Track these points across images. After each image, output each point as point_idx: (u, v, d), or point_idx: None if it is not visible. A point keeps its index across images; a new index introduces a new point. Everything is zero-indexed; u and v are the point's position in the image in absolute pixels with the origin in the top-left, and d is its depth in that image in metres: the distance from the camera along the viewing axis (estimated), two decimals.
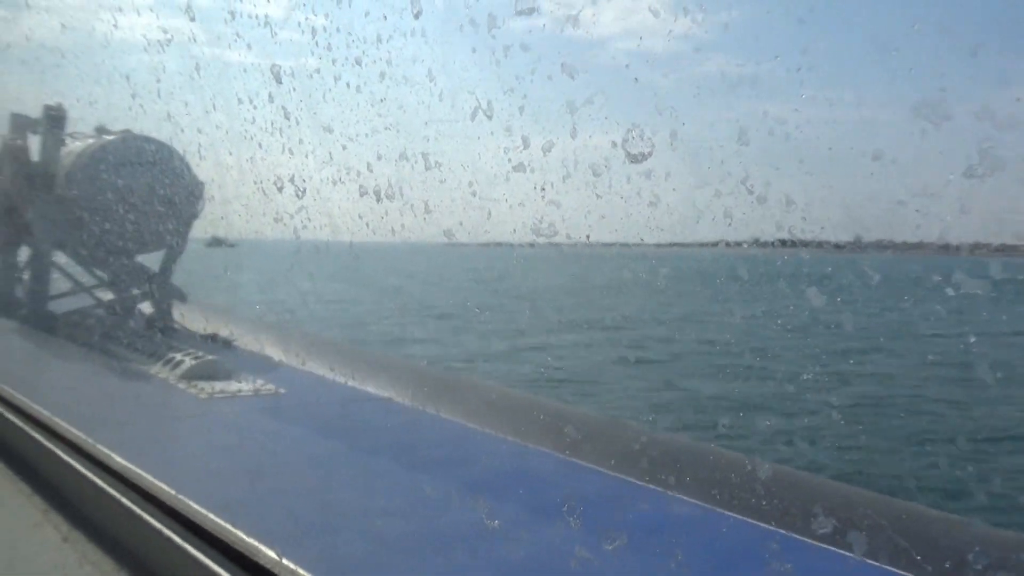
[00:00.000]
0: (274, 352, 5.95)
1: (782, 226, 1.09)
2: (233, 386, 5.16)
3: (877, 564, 1.69)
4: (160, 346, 5.62)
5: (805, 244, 1.07)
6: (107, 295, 6.45)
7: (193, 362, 5.33)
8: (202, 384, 5.15)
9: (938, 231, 0.96)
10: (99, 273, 6.50)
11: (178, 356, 5.43)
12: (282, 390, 5.16)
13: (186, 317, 6.25)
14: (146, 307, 6.29)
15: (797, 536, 1.91)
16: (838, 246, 1.06)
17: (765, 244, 1.19)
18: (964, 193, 0.86)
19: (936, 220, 0.97)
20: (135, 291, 6.23)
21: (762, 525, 2.16)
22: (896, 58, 0.85)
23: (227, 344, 6.04)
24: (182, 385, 5.14)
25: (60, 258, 6.55)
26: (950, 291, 0.99)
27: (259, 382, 5.31)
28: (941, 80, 0.88)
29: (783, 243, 1.09)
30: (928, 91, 0.89)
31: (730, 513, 2.29)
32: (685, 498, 2.58)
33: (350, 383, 5.26)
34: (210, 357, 5.40)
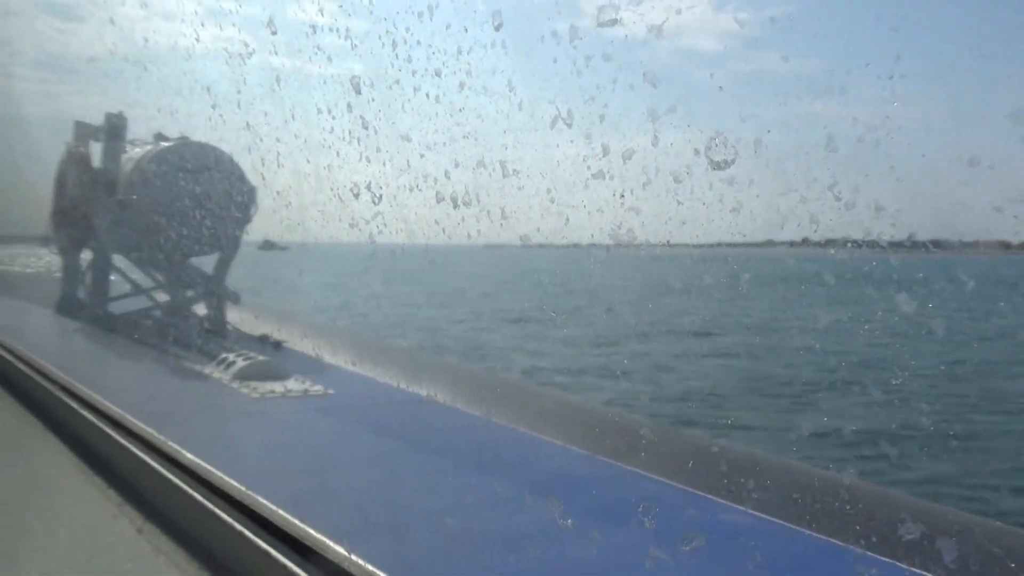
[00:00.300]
0: (322, 353, 6.07)
1: (871, 232, 1.10)
2: (283, 386, 5.28)
3: None
4: (213, 346, 5.77)
5: (896, 246, 1.08)
6: (163, 297, 6.65)
7: (245, 363, 5.47)
8: (254, 384, 5.28)
9: None
10: (156, 275, 6.71)
11: (231, 356, 5.57)
12: (331, 391, 5.27)
13: (238, 319, 6.42)
14: (200, 308, 6.47)
15: (874, 555, 1.88)
16: (933, 244, 1.06)
17: (852, 244, 1.20)
18: None
19: None
20: (190, 293, 6.42)
21: (837, 543, 2.13)
22: (993, 63, 0.86)
23: (277, 345, 6.18)
24: (235, 384, 5.28)
25: (119, 261, 6.78)
26: None
27: (308, 383, 5.42)
28: None
29: (868, 245, 1.10)
30: None
31: (806, 530, 2.26)
32: (752, 512, 2.56)
33: (398, 384, 5.35)
34: (261, 358, 5.53)
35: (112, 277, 6.78)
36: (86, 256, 6.87)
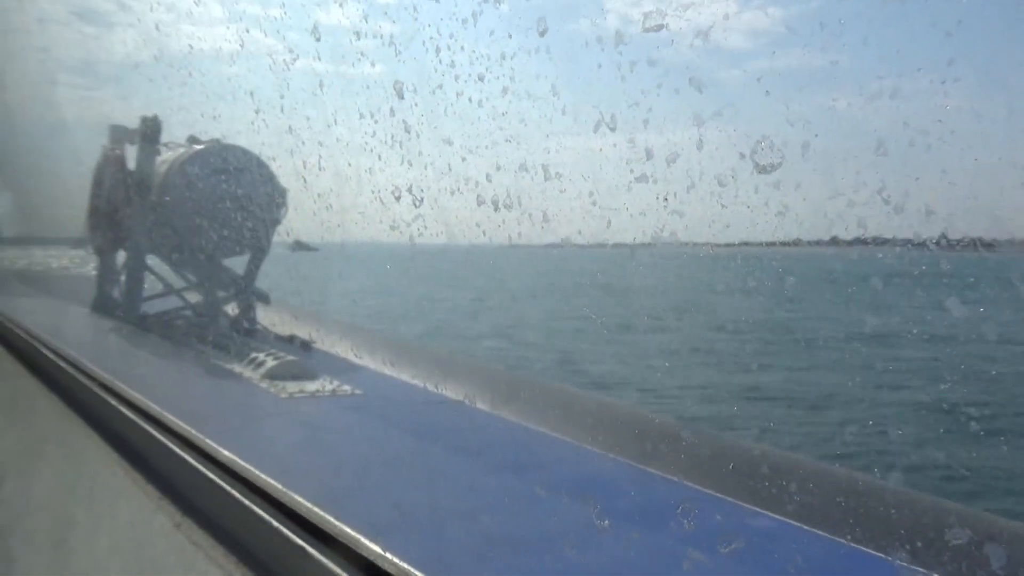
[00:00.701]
0: (351, 353, 6.12)
1: (920, 236, 1.10)
2: (312, 386, 5.33)
3: None
4: (243, 346, 5.85)
5: (950, 245, 1.06)
6: (195, 297, 6.76)
7: (274, 362, 5.53)
8: (283, 383, 5.34)
9: None
10: (188, 276, 6.82)
11: (260, 356, 5.64)
12: (359, 391, 5.31)
13: (268, 319, 6.50)
14: (231, 309, 6.57)
15: (907, 564, 1.85)
16: (984, 244, 1.04)
17: (898, 242, 1.18)
18: None
19: None
20: (221, 293, 6.52)
21: (867, 551, 2.11)
22: None
23: (306, 346, 6.24)
24: (264, 384, 5.34)
25: (153, 261, 6.91)
26: None
27: (337, 383, 5.46)
28: None
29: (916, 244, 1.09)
30: None
31: (840, 539, 2.24)
32: (760, 509, 2.55)
33: (428, 386, 5.37)
34: (290, 358, 5.59)
35: (147, 277, 6.91)
36: (121, 256, 7.01)
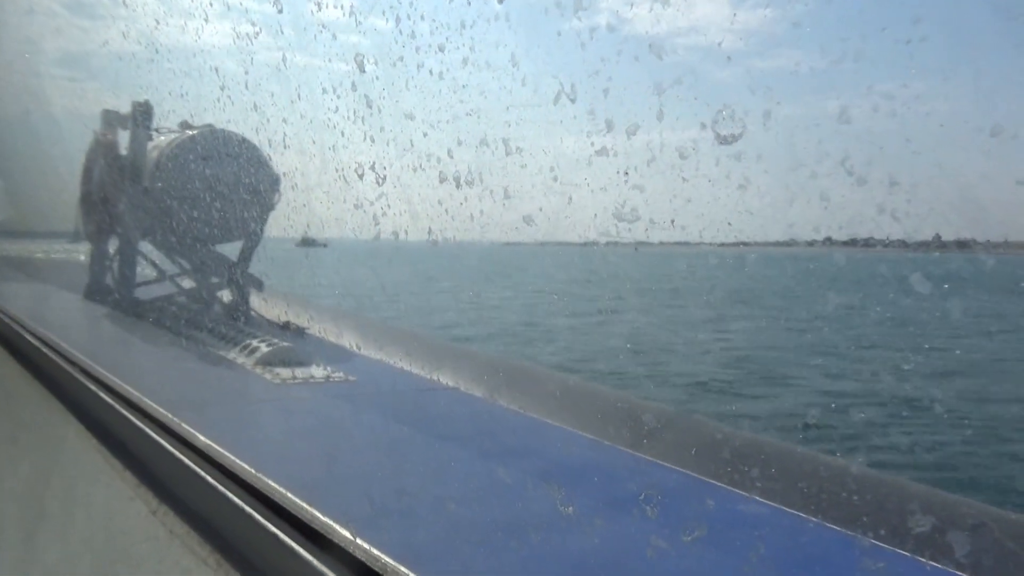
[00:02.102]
0: (346, 340, 6.09)
1: (884, 208, 1.04)
2: (306, 373, 5.30)
3: None
4: (237, 332, 5.82)
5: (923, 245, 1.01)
6: (188, 283, 6.73)
7: (268, 349, 5.50)
8: (276, 370, 5.31)
9: None
10: (181, 262, 6.79)
11: (254, 343, 5.61)
12: (352, 377, 5.28)
13: (262, 305, 6.47)
14: (224, 295, 6.54)
15: (884, 545, 1.82)
16: (960, 244, 0.99)
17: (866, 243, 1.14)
18: None
19: None
20: (214, 279, 6.48)
21: (848, 533, 2.08)
22: (1020, 26, 0.79)
23: (300, 332, 6.21)
24: (257, 370, 5.31)
25: (145, 247, 6.88)
26: None
27: (330, 369, 5.43)
28: None
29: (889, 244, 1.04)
30: None
31: (814, 519, 2.21)
32: (756, 497, 2.52)
33: (421, 372, 5.34)
34: (284, 344, 5.56)
35: (139, 263, 6.89)
36: (113, 242, 6.98)
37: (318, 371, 5.34)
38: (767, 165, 1.18)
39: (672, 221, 1.31)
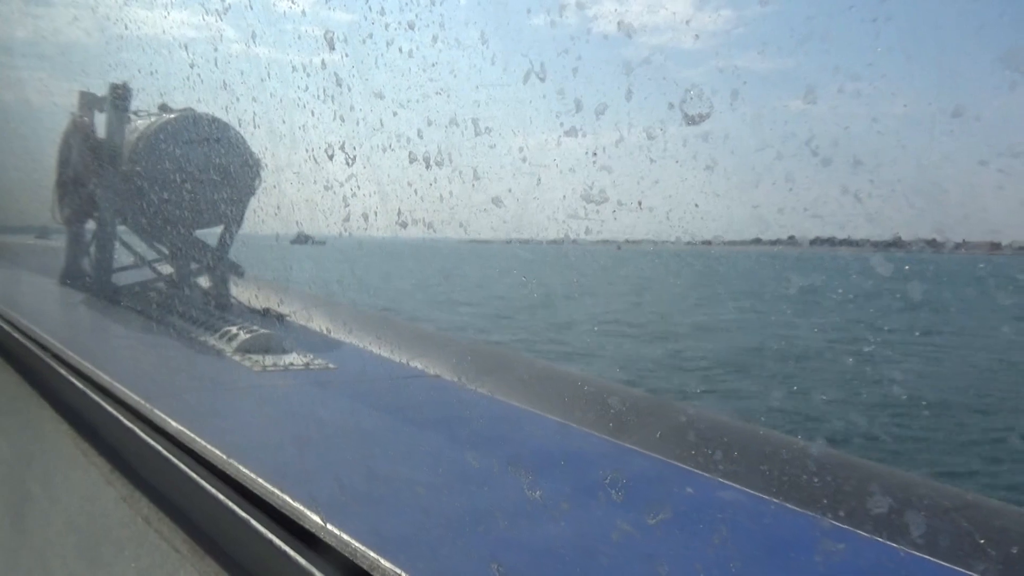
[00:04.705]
0: (327, 328, 6.05)
1: (848, 189, 1.03)
2: (286, 360, 5.26)
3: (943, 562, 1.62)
4: (216, 319, 5.77)
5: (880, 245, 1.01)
6: (167, 269, 6.66)
7: (247, 336, 5.46)
8: (256, 357, 5.28)
9: (1022, 194, 0.90)
10: (160, 247, 6.71)
11: (233, 329, 5.56)
12: (332, 365, 5.25)
13: (242, 292, 6.41)
14: (204, 281, 6.47)
15: (841, 524, 1.84)
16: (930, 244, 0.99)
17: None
18: None
19: (1021, 181, 0.90)
20: (194, 265, 6.42)
21: (807, 513, 2.10)
22: (985, 5, 0.79)
23: (280, 319, 6.17)
24: (237, 357, 5.27)
25: (123, 232, 6.78)
26: None
27: (311, 357, 5.40)
28: None
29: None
30: (1020, 38, 0.83)
31: (775, 500, 2.23)
32: (728, 483, 2.54)
33: (401, 359, 5.32)
34: (264, 331, 5.52)
35: (117, 248, 6.80)
36: (90, 227, 6.88)
37: (298, 359, 5.30)
38: (733, 146, 1.17)
39: (639, 203, 1.31)
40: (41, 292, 7.01)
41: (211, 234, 6.66)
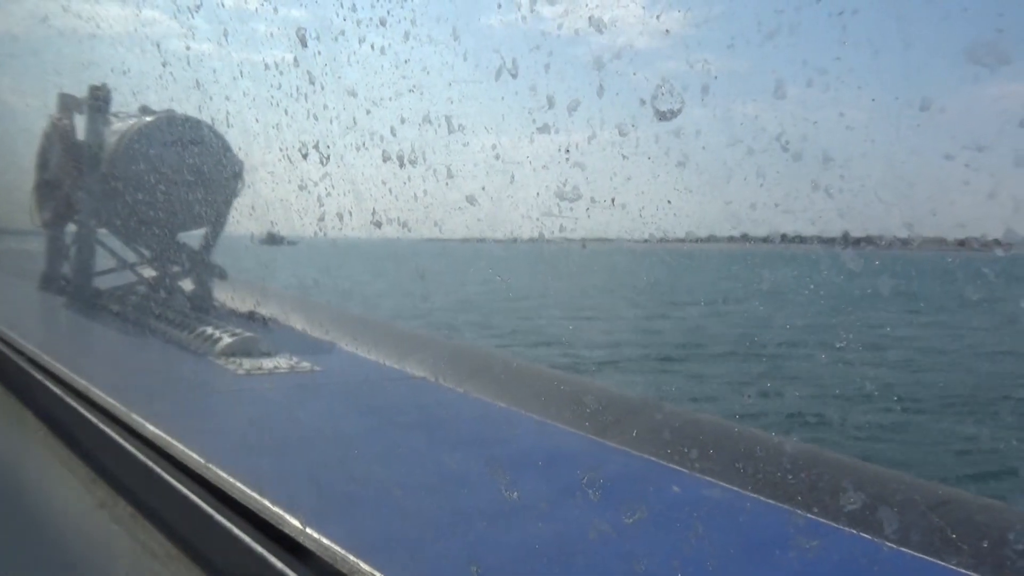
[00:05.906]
0: (311, 330, 6.01)
1: (818, 185, 1.03)
2: (270, 363, 5.22)
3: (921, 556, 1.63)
4: (199, 322, 5.72)
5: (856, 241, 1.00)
6: (149, 272, 6.59)
7: (231, 339, 5.41)
8: (240, 360, 5.23)
9: (988, 187, 0.90)
10: (142, 250, 6.64)
11: (216, 332, 5.51)
12: (317, 368, 5.22)
13: (225, 295, 6.36)
14: (186, 284, 6.41)
15: (822, 520, 1.85)
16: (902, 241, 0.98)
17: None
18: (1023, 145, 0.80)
19: (987, 176, 0.90)
20: (176, 268, 6.35)
21: (787, 508, 2.10)
22: None
23: (264, 322, 6.13)
24: (220, 361, 5.23)
25: (104, 235, 6.71)
26: None
27: (295, 359, 5.37)
28: (998, 20, 0.81)
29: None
30: (984, 31, 0.82)
31: (756, 496, 2.24)
32: (710, 479, 2.54)
33: (385, 362, 5.30)
34: (248, 334, 5.48)
35: (97, 252, 6.72)
36: (70, 230, 6.80)
37: (282, 361, 5.26)
38: (705, 141, 1.17)
39: (612, 200, 1.30)
40: (18, 296, 6.92)
41: (193, 237, 6.61)
